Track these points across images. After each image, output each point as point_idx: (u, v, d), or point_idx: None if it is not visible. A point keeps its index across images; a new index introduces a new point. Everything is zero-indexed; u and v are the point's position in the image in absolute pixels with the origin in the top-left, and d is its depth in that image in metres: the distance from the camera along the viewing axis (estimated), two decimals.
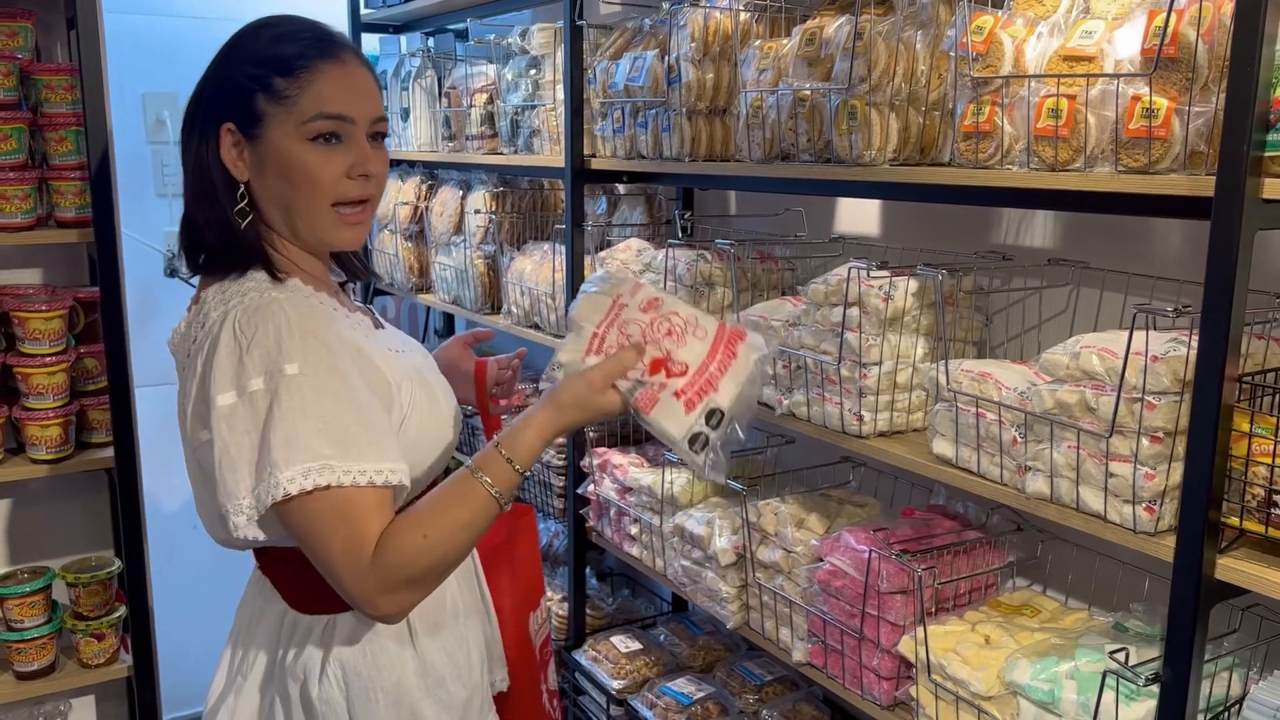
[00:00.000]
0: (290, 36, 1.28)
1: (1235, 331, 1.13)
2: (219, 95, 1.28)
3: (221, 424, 1.16)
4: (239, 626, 1.41)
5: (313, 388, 1.16)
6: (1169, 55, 1.19)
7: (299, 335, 1.18)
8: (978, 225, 1.83)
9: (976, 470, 1.46)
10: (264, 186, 1.28)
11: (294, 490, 1.13)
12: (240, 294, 1.23)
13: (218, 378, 1.17)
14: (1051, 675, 1.38)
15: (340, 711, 1.30)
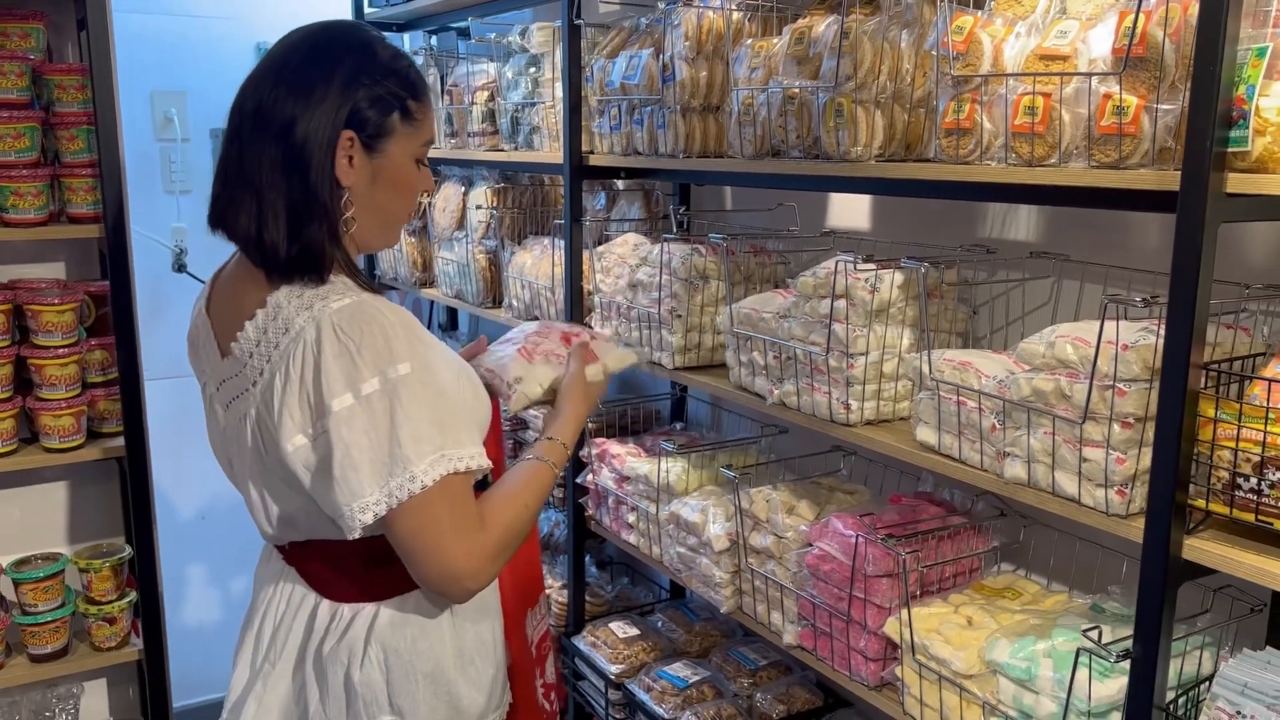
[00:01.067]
0: (404, 57, 1.36)
1: (1200, 321, 1.17)
2: (352, 106, 1.28)
3: (341, 427, 1.20)
4: (258, 619, 1.44)
5: (422, 384, 1.23)
6: (1138, 55, 1.24)
7: (403, 335, 1.24)
8: (964, 219, 1.87)
9: (958, 456, 1.51)
10: (370, 193, 1.33)
11: (428, 481, 1.21)
12: (321, 298, 1.25)
13: (329, 383, 1.20)
14: (1029, 654, 1.42)
15: (380, 693, 1.36)
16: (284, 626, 1.40)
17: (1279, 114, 1.11)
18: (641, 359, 1.59)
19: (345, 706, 1.36)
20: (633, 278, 2.19)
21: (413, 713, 1.37)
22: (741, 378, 1.92)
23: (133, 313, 2.16)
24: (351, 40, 1.32)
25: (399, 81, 1.32)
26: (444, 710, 1.39)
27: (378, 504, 1.21)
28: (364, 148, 1.30)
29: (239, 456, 1.35)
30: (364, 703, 1.35)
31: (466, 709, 1.41)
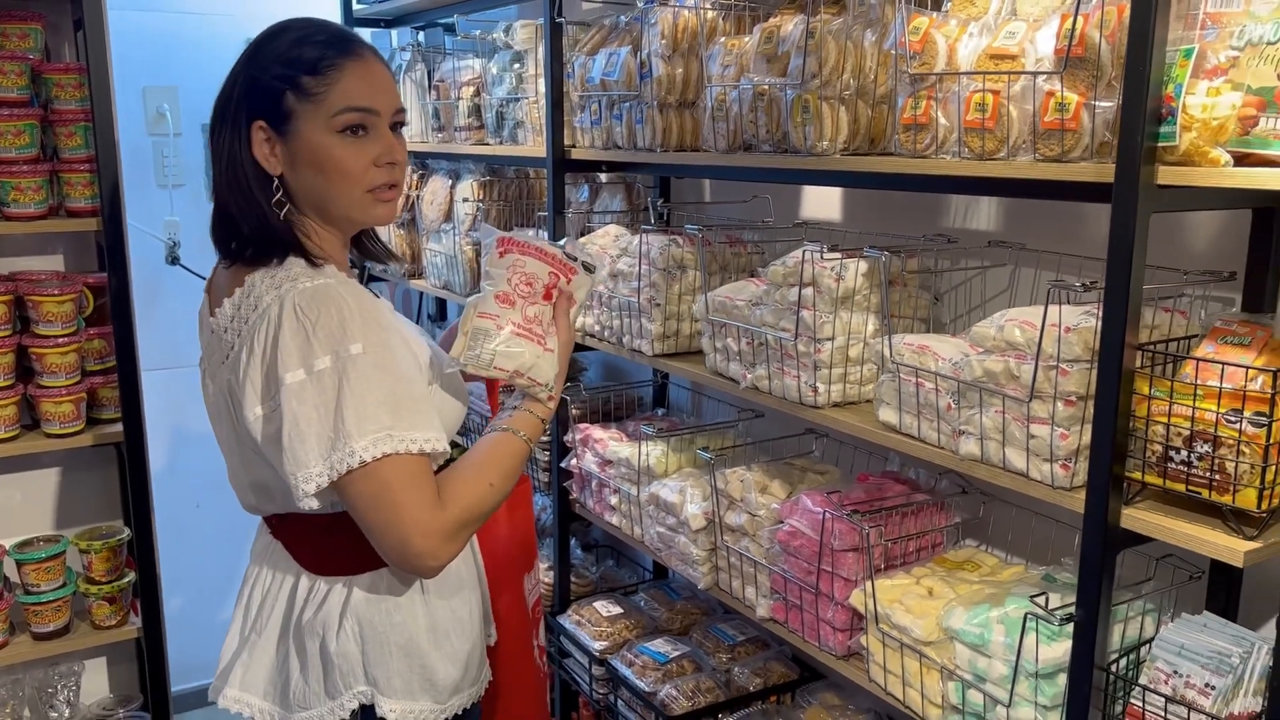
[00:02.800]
0: (311, 37, 1.38)
1: (1134, 304, 1.25)
2: (248, 95, 1.35)
3: (291, 400, 1.27)
4: (249, 590, 1.52)
5: (374, 365, 1.29)
6: (1077, 55, 1.31)
7: (359, 317, 1.30)
8: (929, 210, 1.95)
9: (917, 435, 1.59)
10: (298, 179, 1.38)
11: (367, 458, 1.26)
12: (290, 279, 1.32)
13: (284, 357, 1.27)
14: (983, 621, 1.51)
15: (355, 663, 1.42)
16: (270, 598, 1.47)
17: (1204, 111, 1.19)
18: (597, 279, 1.59)
19: (323, 676, 1.42)
20: (614, 268, 2.27)
21: (387, 683, 1.43)
22: (717, 363, 2.00)
23: (130, 303, 2.23)
24: (270, 28, 1.39)
25: (290, 63, 1.35)
26: (418, 682, 1.45)
27: (320, 475, 1.27)
28: (277, 134, 1.36)
29: (221, 427, 1.43)
30: (340, 673, 1.41)
31: (440, 682, 1.46)
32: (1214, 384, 1.24)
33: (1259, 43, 1.20)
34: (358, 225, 1.48)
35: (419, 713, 1.45)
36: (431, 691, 1.46)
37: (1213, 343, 1.30)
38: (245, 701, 1.47)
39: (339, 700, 1.42)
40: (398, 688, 1.44)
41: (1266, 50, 1.20)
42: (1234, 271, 1.44)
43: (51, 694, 2.30)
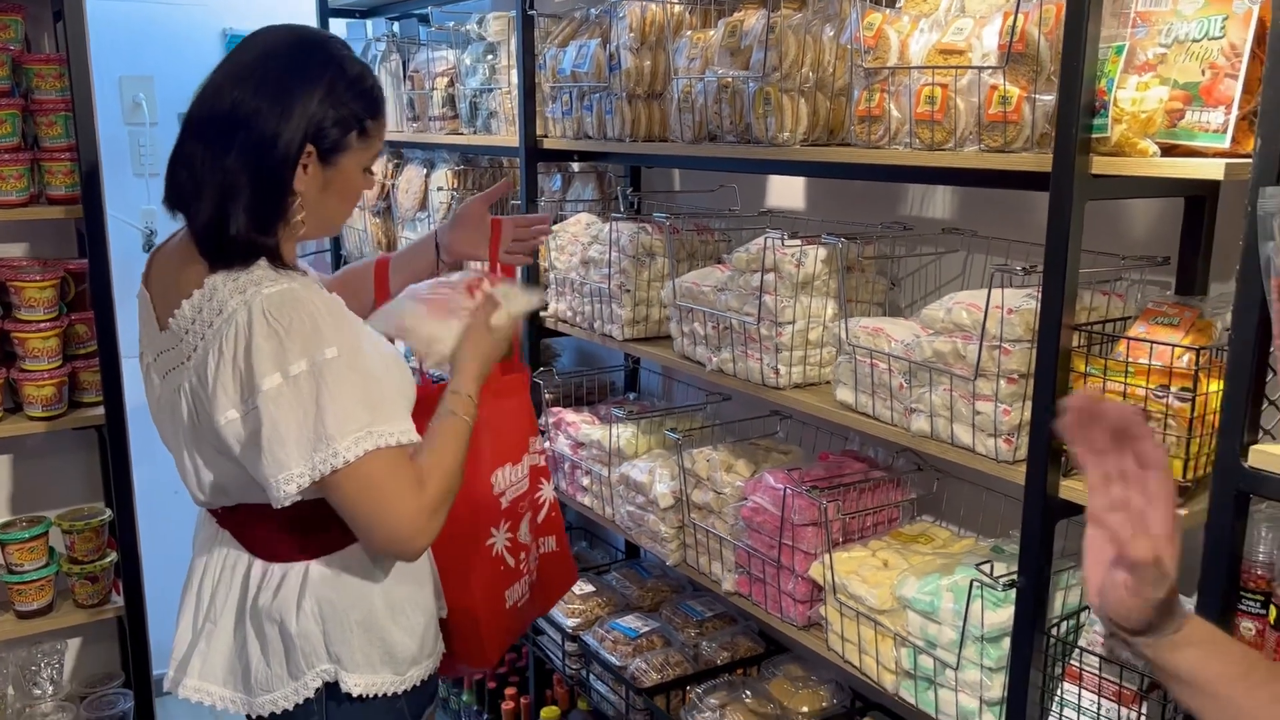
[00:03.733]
0: (368, 77, 1.47)
1: (1071, 287, 1.33)
2: (319, 122, 1.39)
3: (270, 405, 1.31)
4: (198, 580, 1.55)
5: (349, 367, 1.34)
6: (1018, 51, 1.39)
7: (330, 321, 1.35)
8: (888, 198, 2.02)
9: (872, 414, 1.67)
10: (318, 199, 1.43)
11: (350, 457, 1.32)
12: (254, 283, 1.35)
13: (259, 363, 1.31)
14: (933, 589, 1.59)
15: (317, 643, 1.46)
16: (222, 586, 1.50)
17: (1134, 104, 1.27)
18: (542, 300, 1.69)
19: (285, 658, 1.46)
20: (585, 255, 2.33)
21: (349, 659, 1.47)
22: (684, 347, 2.07)
23: (110, 288, 2.28)
24: (327, 57, 1.42)
25: (362, 103, 1.43)
26: (378, 655, 1.50)
27: (301, 476, 1.32)
28: (320, 160, 1.41)
29: (172, 424, 1.45)
30: (302, 653, 1.46)
31: (399, 655, 1.52)
32: (1144, 362, 1.32)
33: (1185, 40, 1.28)
34: (327, 236, 1.57)
35: (381, 684, 1.50)
36: (391, 664, 1.51)
37: (1145, 323, 1.38)
38: (205, 690, 1.51)
39: (302, 680, 1.46)
40: (360, 662, 1.48)
41: (1192, 47, 1.27)
42: (1168, 256, 1.52)
43: (35, 671, 2.35)
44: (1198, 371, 1.27)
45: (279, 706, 1.47)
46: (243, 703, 1.50)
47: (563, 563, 1.99)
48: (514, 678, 2.88)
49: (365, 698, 1.49)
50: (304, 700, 1.47)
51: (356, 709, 1.49)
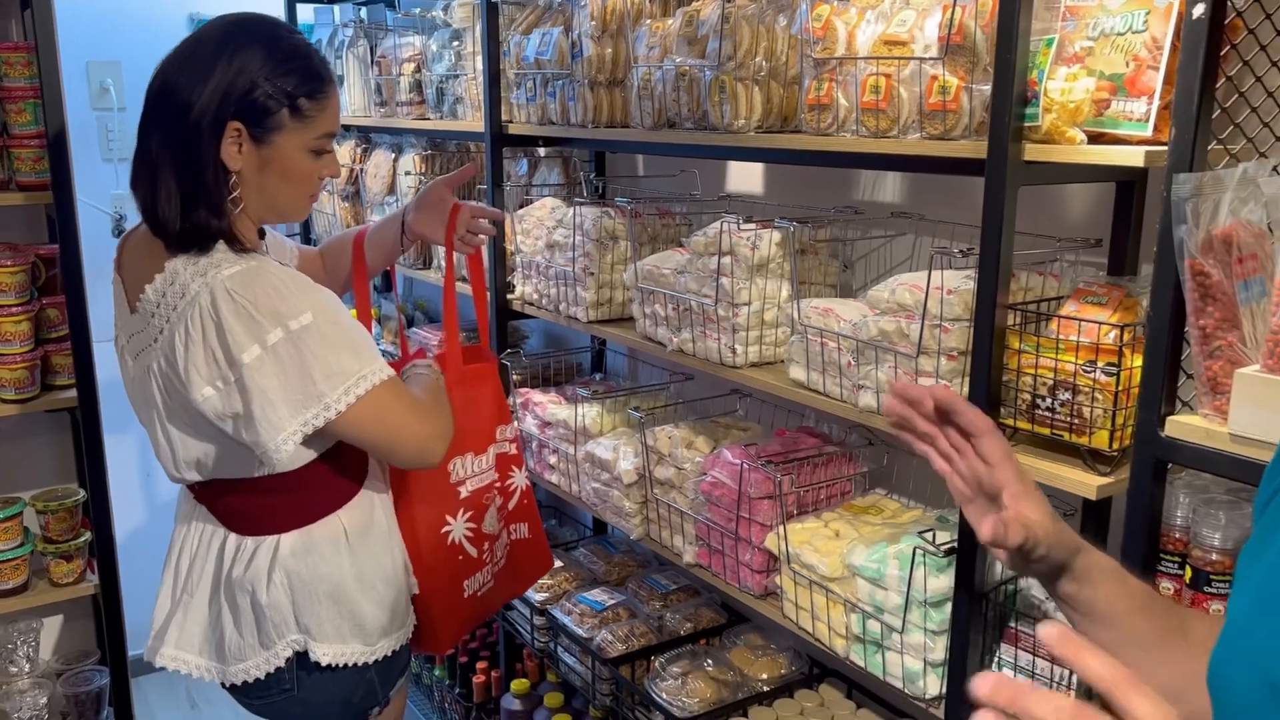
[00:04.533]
0: (307, 58, 1.47)
1: (1005, 269, 1.40)
2: (241, 98, 1.41)
3: (254, 375, 1.37)
4: (176, 552, 1.61)
5: (327, 323, 1.41)
6: (956, 42, 1.45)
7: (294, 287, 1.40)
8: (842, 183, 2.09)
9: (823, 391, 1.74)
10: (259, 180, 1.46)
11: (343, 406, 1.41)
12: (214, 265, 1.40)
13: (235, 339, 1.36)
14: (881, 557, 1.66)
15: (287, 614, 1.52)
16: (199, 560, 1.57)
17: (1062, 94, 1.34)
18: None
19: (256, 628, 1.53)
20: (550, 239, 2.39)
21: (319, 630, 1.54)
22: (646, 328, 2.13)
23: (80, 273, 2.31)
24: (257, 35, 1.44)
25: (293, 79, 1.44)
26: (348, 627, 1.56)
27: (294, 434, 1.40)
28: (251, 138, 1.43)
29: (145, 403, 1.50)
30: (272, 624, 1.52)
31: (368, 626, 1.58)
32: (1074, 339, 1.39)
33: (1110, 33, 1.35)
34: (281, 221, 1.59)
35: (350, 654, 1.56)
36: (361, 635, 1.57)
37: (1076, 302, 1.45)
38: (182, 659, 1.57)
39: (273, 650, 1.53)
40: (329, 633, 1.54)
41: (1117, 40, 1.34)
42: (1100, 239, 1.59)
43: (11, 649, 2.39)
44: (1122, 348, 1.35)
45: (251, 675, 1.53)
46: (217, 671, 1.55)
47: (536, 548, 2.04)
48: (485, 652, 2.95)
49: (334, 667, 1.55)
50: (275, 669, 1.53)
51: (326, 678, 1.55)
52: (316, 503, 1.51)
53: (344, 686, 1.58)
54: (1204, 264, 1.18)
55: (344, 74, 3.22)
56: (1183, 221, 1.18)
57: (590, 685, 2.31)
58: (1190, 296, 1.20)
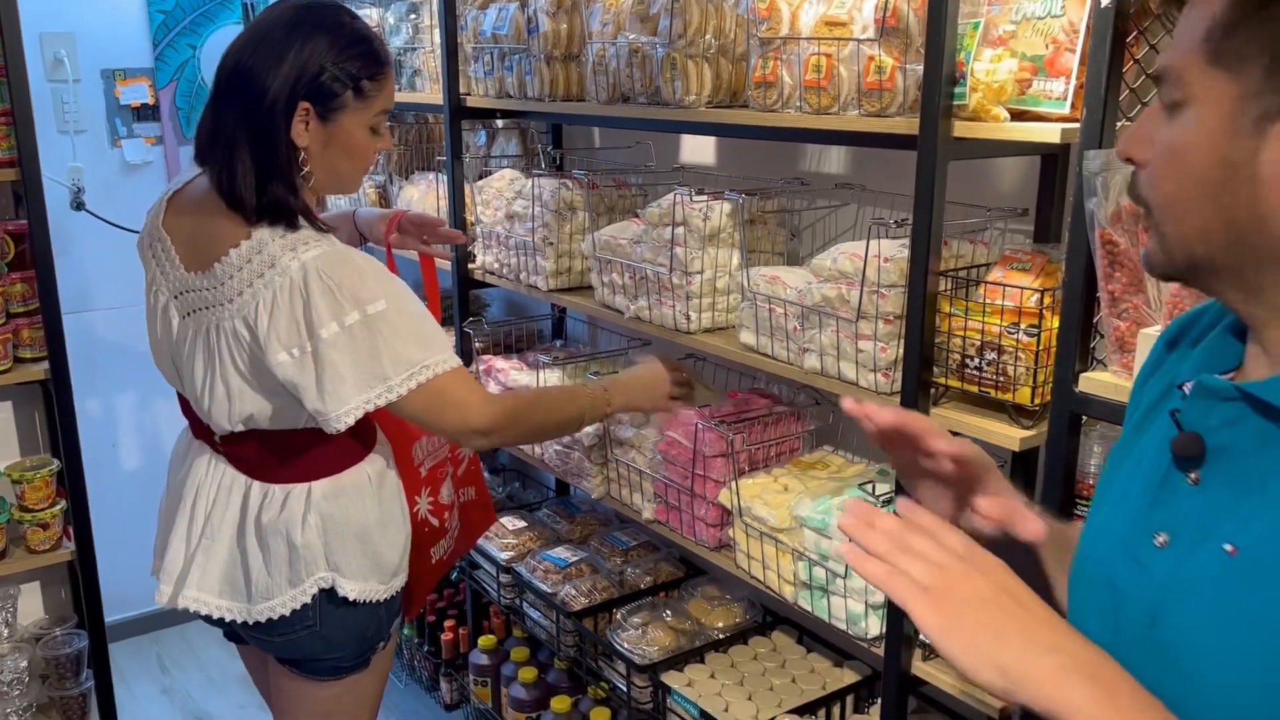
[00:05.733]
0: (368, 40, 1.59)
1: (936, 238, 1.51)
2: (311, 80, 1.53)
3: (329, 350, 1.49)
4: (190, 502, 1.69)
5: (397, 312, 1.52)
6: (891, 24, 1.55)
7: (373, 275, 1.52)
8: (788, 156, 2.18)
9: (771, 354, 1.84)
10: (322, 155, 1.58)
11: (404, 391, 1.53)
12: (303, 243, 1.51)
13: (319, 314, 1.48)
14: (825, 508, 1.78)
15: (318, 553, 1.64)
16: (218, 506, 1.66)
17: (987, 75, 1.44)
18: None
19: (288, 567, 1.64)
20: (510, 210, 2.46)
21: (346, 566, 1.66)
22: (605, 296, 2.22)
23: (49, 247, 2.35)
24: (324, 20, 1.55)
25: (358, 63, 1.56)
26: (369, 565, 1.68)
27: (357, 409, 1.52)
28: (318, 117, 1.55)
29: (198, 357, 1.58)
30: (304, 562, 1.63)
31: (385, 565, 1.71)
32: (999, 303, 1.50)
33: (1031, 18, 1.45)
34: (341, 193, 1.73)
35: (370, 591, 1.69)
36: (379, 573, 1.70)
37: (1002, 268, 1.56)
38: (203, 600, 1.68)
39: (301, 587, 1.64)
40: (355, 570, 1.67)
41: (1038, 24, 1.44)
42: (1026, 208, 1.70)
43: None
44: (1043, 310, 1.46)
45: (277, 612, 1.64)
46: (241, 610, 1.67)
47: (482, 508, 2.17)
48: (452, 611, 3.05)
49: (356, 603, 1.68)
50: (301, 606, 1.64)
51: (347, 613, 1.68)
52: (346, 453, 1.66)
53: (361, 621, 1.71)
54: (1112, 233, 1.29)
55: None
56: (1093, 194, 1.29)
57: (555, 638, 2.42)
58: (1100, 263, 1.31)
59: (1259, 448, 0.74)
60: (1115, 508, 0.86)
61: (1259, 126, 0.70)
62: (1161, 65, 0.77)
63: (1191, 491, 0.78)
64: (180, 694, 3.25)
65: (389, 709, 2.89)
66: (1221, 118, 0.72)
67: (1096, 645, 0.74)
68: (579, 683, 2.48)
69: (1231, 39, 0.71)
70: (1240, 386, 0.75)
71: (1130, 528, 0.82)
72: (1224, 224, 0.73)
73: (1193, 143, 0.74)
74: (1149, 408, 0.90)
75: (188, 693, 3.25)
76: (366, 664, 1.75)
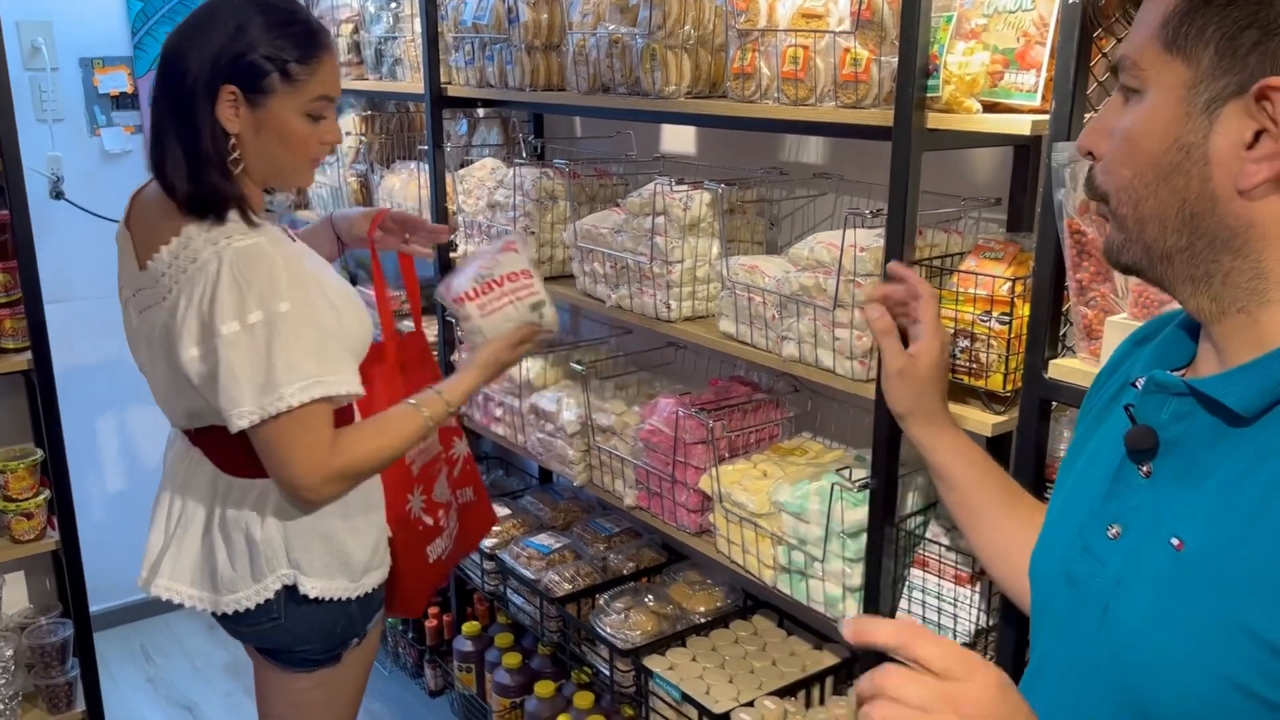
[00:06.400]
0: (301, 22, 1.54)
1: (910, 228, 1.53)
2: (232, 64, 1.49)
3: (226, 348, 1.46)
4: (168, 496, 1.71)
5: (300, 320, 1.49)
6: (866, 17, 1.57)
7: (286, 277, 1.49)
8: (767, 145, 2.20)
9: (750, 342, 1.87)
10: (257, 143, 1.54)
11: (294, 403, 1.47)
12: (226, 236, 1.49)
13: (221, 310, 1.45)
14: (803, 493, 1.80)
15: (279, 549, 1.64)
16: (191, 497, 1.67)
17: (960, 68, 1.46)
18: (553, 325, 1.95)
19: (249, 562, 1.64)
20: (491, 199, 2.47)
21: (309, 564, 1.66)
22: (586, 285, 2.24)
23: (31, 237, 2.35)
24: (247, 6, 1.51)
25: (285, 44, 1.52)
26: (335, 562, 1.68)
27: (252, 414, 1.49)
28: (247, 101, 1.52)
29: (150, 356, 1.61)
30: (265, 558, 1.63)
31: (353, 563, 1.70)
32: (972, 291, 1.53)
33: (1003, 11, 1.47)
34: (286, 186, 1.68)
35: (336, 589, 1.68)
36: (347, 571, 1.69)
37: (975, 257, 1.59)
38: (175, 589, 1.69)
39: (264, 583, 1.64)
40: (318, 568, 1.66)
41: (1009, 17, 1.47)
42: (1000, 197, 1.73)
43: None
44: (1014, 299, 1.49)
45: (242, 605, 1.65)
46: (210, 600, 1.67)
47: (481, 509, 2.18)
48: (436, 597, 3.07)
49: (321, 600, 1.67)
50: (265, 600, 1.65)
51: (312, 610, 1.68)
52: None
53: (329, 618, 1.71)
54: (1080, 223, 1.32)
55: None
56: (1061, 185, 1.31)
57: (539, 624, 2.45)
58: (1068, 253, 1.34)
59: (1208, 442, 0.76)
60: (1071, 501, 0.89)
61: (1209, 109, 0.73)
62: (1120, 54, 0.80)
63: (1143, 484, 0.80)
64: (165, 682, 3.27)
65: (373, 695, 2.92)
66: (1175, 102, 0.75)
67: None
68: (562, 668, 2.51)
69: (1186, 26, 0.74)
70: (1189, 382, 0.78)
71: (1085, 519, 0.84)
72: (1177, 206, 0.76)
73: (1148, 128, 0.77)
74: (1105, 404, 0.92)
75: (172, 681, 3.27)
76: (338, 659, 1.75)
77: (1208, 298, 0.78)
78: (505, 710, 2.57)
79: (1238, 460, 0.74)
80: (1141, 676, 0.75)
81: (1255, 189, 0.73)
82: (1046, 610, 0.88)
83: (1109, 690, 0.78)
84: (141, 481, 3.45)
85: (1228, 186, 0.73)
